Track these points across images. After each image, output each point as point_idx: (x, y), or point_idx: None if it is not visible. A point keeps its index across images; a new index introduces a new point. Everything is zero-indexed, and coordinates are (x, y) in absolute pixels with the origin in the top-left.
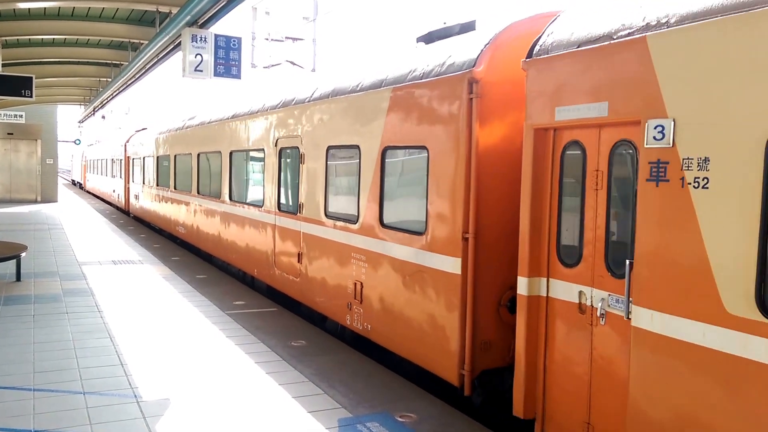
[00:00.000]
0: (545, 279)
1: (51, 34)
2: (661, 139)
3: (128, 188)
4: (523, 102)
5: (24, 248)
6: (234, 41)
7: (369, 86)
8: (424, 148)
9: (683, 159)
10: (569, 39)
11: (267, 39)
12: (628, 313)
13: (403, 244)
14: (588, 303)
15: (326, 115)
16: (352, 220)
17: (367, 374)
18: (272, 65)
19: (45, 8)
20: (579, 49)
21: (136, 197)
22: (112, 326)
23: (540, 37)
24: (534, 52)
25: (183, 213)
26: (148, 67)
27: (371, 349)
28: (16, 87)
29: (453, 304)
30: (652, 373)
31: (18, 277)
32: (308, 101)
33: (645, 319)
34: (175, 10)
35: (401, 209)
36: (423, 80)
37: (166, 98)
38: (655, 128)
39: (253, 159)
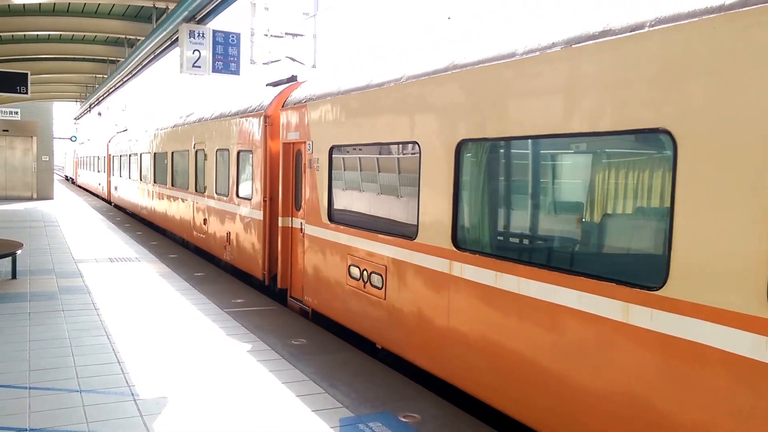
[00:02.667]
0: (290, 218)
1: (46, 30)
2: (310, 149)
3: (110, 181)
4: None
5: (20, 245)
6: (232, 37)
7: (234, 113)
8: (251, 151)
9: (315, 158)
10: (293, 100)
11: (266, 35)
12: (304, 228)
13: (245, 206)
14: (303, 228)
15: (215, 129)
16: (226, 194)
17: (369, 373)
18: (272, 61)
19: (40, 4)
20: (294, 105)
21: (116, 188)
22: (109, 324)
23: (288, 96)
24: (284, 104)
25: (146, 198)
26: (144, 63)
27: (238, 274)
28: (11, 83)
29: (260, 237)
30: (307, 251)
31: (14, 275)
32: (208, 119)
33: (307, 228)
34: (172, 6)
35: (244, 186)
36: (250, 113)
37: (164, 94)
38: (309, 145)
39: (183, 157)
